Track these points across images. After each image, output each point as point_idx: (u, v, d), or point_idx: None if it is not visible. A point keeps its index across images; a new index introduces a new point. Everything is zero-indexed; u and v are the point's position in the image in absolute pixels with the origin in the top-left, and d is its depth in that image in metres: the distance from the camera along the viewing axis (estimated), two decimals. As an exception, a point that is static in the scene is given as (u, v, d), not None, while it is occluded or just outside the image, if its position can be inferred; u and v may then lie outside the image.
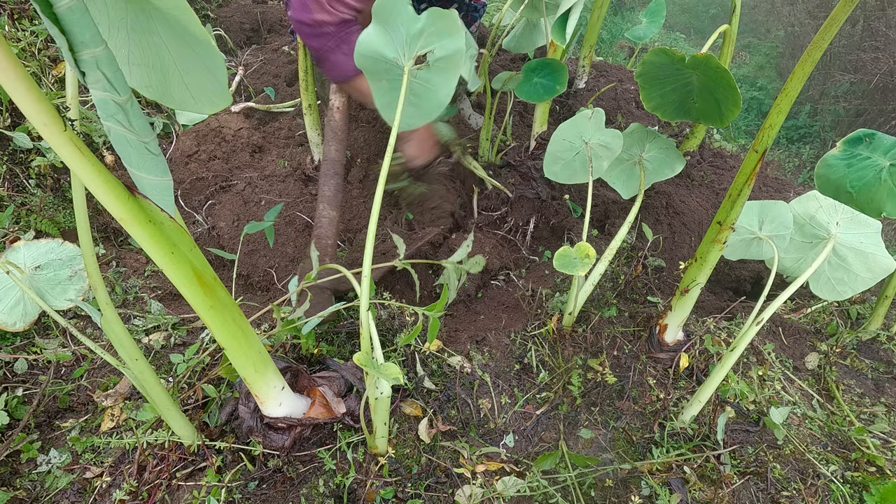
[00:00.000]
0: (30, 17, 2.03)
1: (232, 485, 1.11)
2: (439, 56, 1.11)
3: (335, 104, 1.69)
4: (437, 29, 1.08)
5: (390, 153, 1.02)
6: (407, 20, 1.10)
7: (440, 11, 1.07)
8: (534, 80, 1.74)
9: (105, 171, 0.70)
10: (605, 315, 1.56)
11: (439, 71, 1.14)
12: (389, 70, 1.16)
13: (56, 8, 0.59)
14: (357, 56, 1.16)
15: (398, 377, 0.92)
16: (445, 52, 1.11)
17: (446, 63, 1.13)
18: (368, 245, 1.00)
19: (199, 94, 0.86)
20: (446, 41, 1.09)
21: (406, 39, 1.11)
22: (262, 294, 1.75)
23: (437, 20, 1.07)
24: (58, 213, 1.70)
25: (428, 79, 1.15)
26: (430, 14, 1.07)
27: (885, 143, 1.01)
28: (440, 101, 1.18)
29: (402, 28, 1.10)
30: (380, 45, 1.13)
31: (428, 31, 1.08)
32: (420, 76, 1.15)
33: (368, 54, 1.15)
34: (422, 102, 1.19)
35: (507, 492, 1.15)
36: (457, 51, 1.10)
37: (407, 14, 1.09)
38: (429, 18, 1.08)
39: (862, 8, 6.66)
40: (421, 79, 1.15)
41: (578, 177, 1.63)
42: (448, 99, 1.18)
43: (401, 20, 1.10)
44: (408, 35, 1.10)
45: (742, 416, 1.37)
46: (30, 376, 1.35)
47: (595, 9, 2.11)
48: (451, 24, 1.08)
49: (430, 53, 1.10)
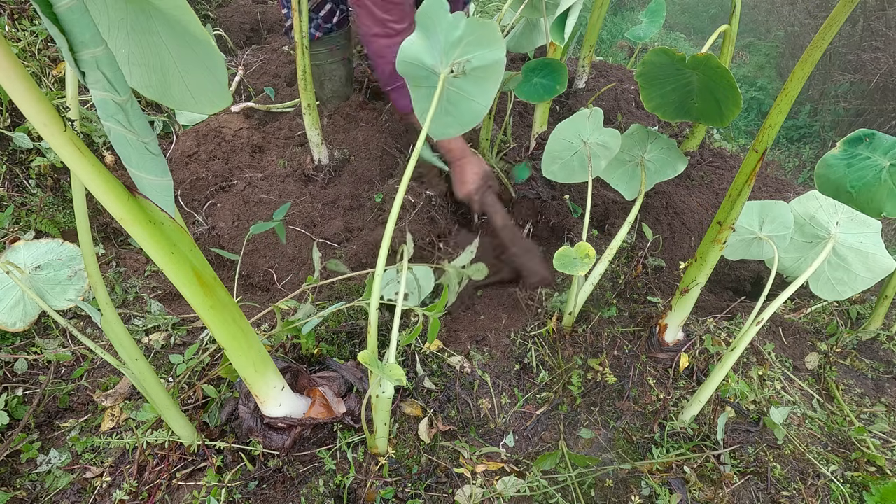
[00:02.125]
0: (30, 17, 2.03)
1: (232, 485, 1.11)
2: (477, 65, 1.10)
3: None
4: (476, 38, 1.07)
5: (416, 156, 1.02)
6: (447, 28, 1.09)
7: (481, 21, 1.06)
8: (533, 80, 1.74)
9: (105, 171, 0.70)
10: (605, 315, 1.56)
11: (476, 80, 1.13)
12: (428, 77, 1.16)
13: (56, 8, 0.59)
14: (399, 62, 1.17)
15: (401, 379, 0.92)
16: (483, 62, 1.09)
17: (484, 73, 1.11)
18: (384, 245, 1.00)
19: (200, 94, 0.86)
20: (485, 51, 1.08)
21: (444, 47, 1.10)
22: (262, 294, 1.75)
23: (477, 29, 1.06)
24: (58, 213, 1.70)
25: (464, 87, 1.14)
26: (470, 23, 1.06)
27: (885, 143, 1.01)
28: (477, 111, 1.17)
29: (441, 36, 1.10)
30: (420, 51, 1.13)
31: (467, 39, 1.07)
32: (457, 84, 1.14)
33: (409, 60, 1.15)
34: (457, 111, 1.18)
35: (507, 492, 1.15)
36: (496, 62, 1.09)
37: (447, 22, 1.08)
38: (469, 27, 1.06)
39: (862, 8, 6.66)
40: (457, 87, 1.15)
41: (577, 176, 1.63)
42: (486, 110, 1.17)
43: (440, 28, 1.09)
44: (446, 43, 1.10)
45: (742, 416, 1.37)
46: (30, 376, 1.34)
47: (595, 9, 2.11)
48: (492, 35, 1.06)
49: (466, 62, 1.10)
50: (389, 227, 1.00)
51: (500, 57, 1.09)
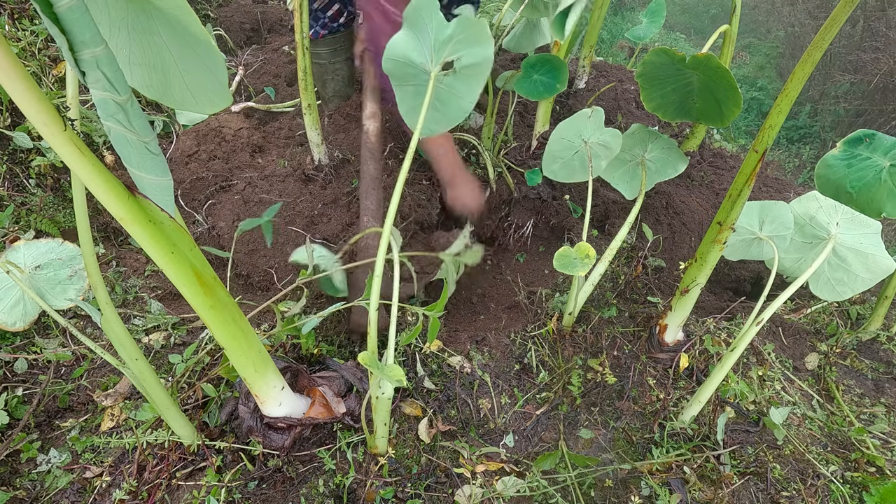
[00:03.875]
0: (30, 17, 2.03)
1: (232, 484, 1.11)
2: (466, 63, 1.11)
3: (370, 129, 1.76)
4: (466, 36, 1.08)
5: (410, 158, 1.02)
6: (437, 26, 1.10)
7: (471, 19, 1.07)
8: (533, 76, 1.73)
9: (105, 171, 0.70)
10: (605, 315, 1.56)
11: (465, 78, 1.14)
12: (416, 75, 1.16)
13: (56, 7, 0.59)
14: (385, 60, 1.17)
15: (401, 379, 0.92)
16: (473, 60, 1.11)
17: (473, 71, 1.13)
18: (382, 246, 1.00)
19: (200, 94, 0.86)
20: (475, 49, 1.09)
21: (434, 45, 1.11)
22: (262, 294, 1.75)
23: (467, 28, 1.07)
24: (58, 213, 1.70)
25: (453, 85, 1.15)
26: (459, 21, 1.07)
27: (885, 144, 1.01)
28: (464, 108, 1.19)
29: (431, 34, 1.11)
30: (408, 49, 1.13)
31: (457, 38, 1.08)
32: (446, 82, 1.15)
33: (396, 58, 1.15)
34: (446, 109, 1.20)
35: (506, 492, 1.15)
36: (485, 59, 1.10)
37: (437, 20, 1.09)
38: (458, 26, 1.08)
39: (862, 8, 6.66)
40: (446, 85, 1.16)
41: (577, 175, 1.63)
42: (472, 106, 1.19)
43: (430, 26, 1.10)
44: (436, 41, 1.10)
45: (742, 417, 1.37)
46: (30, 376, 1.34)
47: (595, 9, 2.11)
48: (481, 33, 1.08)
49: (457, 60, 1.10)
50: (388, 225, 1.00)
51: (489, 55, 1.10)
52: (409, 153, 1.03)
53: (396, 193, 1.01)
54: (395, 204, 1.01)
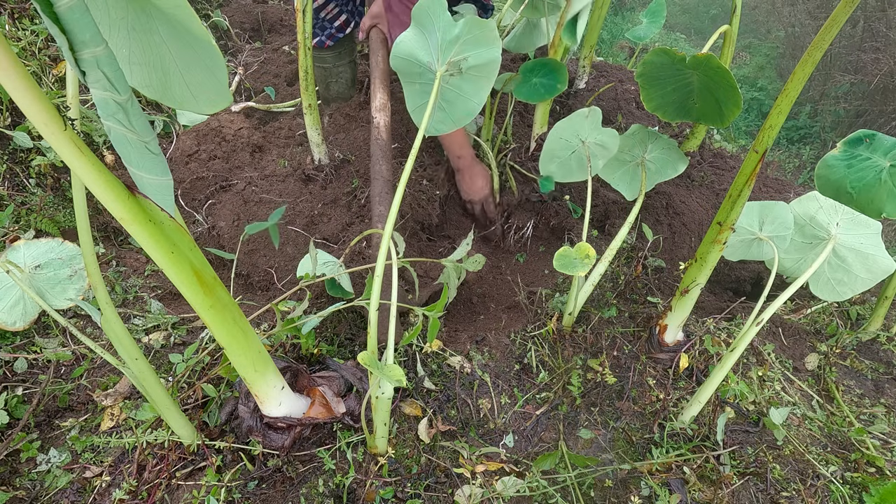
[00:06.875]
0: (30, 17, 2.03)
1: (231, 484, 1.11)
2: (473, 64, 1.11)
3: (380, 123, 1.63)
4: (473, 37, 1.08)
5: (414, 156, 1.02)
6: (444, 26, 1.09)
7: (478, 20, 1.07)
8: (532, 80, 1.73)
9: (105, 171, 0.70)
10: (605, 315, 1.56)
11: (472, 79, 1.14)
12: (423, 74, 1.16)
13: (56, 7, 0.59)
14: (392, 57, 1.17)
15: (401, 380, 0.92)
16: (480, 61, 1.10)
17: (480, 72, 1.12)
18: (383, 247, 1.00)
19: (200, 94, 0.86)
20: (482, 50, 1.09)
21: (441, 45, 1.11)
22: (262, 294, 1.75)
23: (475, 28, 1.07)
24: (58, 213, 1.70)
25: (460, 86, 1.15)
26: (467, 22, 1.07)
27: (886, 144, 1.01)
28: (471, 109, 1.18)
29: (438, 33, 1.10)
30: (415, 48, 1.13)
31: (464, 38, 1.08)
32: (452, 82, 1.15)
33: (403, 56, 1.15)
34: (452, 109, 1.19)
35: (506, 492, 1.15)
36: (491, 61, 1.10)
37: (445, 20, 1.09)
38: (466, 26, 1.07)
39: (862, 9, 6.66)
40: (453, 85, 1.15)
41: (574, 175, 1.63)
42: (479, 108, 1.19)
43: (438, 25, 1.10)
44: (443, 41, 1.10)
45: (742, 417, 1.37)
46: (29, 375, 1.34)
47: (595, 9, 2.11)
48: (489, 34, 1.07)
49: (463, 61, 1.10)
50: (389, 224, 1.00)
51: (496, 56, 1.10)
52: (412, 154, 1.02)
53: (398, 196, 1.01)
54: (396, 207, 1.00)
